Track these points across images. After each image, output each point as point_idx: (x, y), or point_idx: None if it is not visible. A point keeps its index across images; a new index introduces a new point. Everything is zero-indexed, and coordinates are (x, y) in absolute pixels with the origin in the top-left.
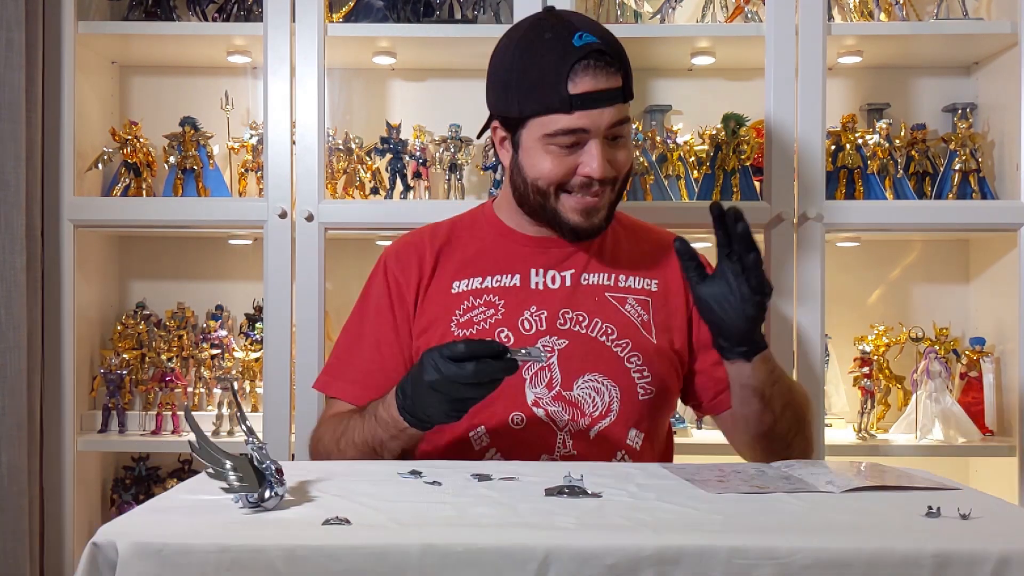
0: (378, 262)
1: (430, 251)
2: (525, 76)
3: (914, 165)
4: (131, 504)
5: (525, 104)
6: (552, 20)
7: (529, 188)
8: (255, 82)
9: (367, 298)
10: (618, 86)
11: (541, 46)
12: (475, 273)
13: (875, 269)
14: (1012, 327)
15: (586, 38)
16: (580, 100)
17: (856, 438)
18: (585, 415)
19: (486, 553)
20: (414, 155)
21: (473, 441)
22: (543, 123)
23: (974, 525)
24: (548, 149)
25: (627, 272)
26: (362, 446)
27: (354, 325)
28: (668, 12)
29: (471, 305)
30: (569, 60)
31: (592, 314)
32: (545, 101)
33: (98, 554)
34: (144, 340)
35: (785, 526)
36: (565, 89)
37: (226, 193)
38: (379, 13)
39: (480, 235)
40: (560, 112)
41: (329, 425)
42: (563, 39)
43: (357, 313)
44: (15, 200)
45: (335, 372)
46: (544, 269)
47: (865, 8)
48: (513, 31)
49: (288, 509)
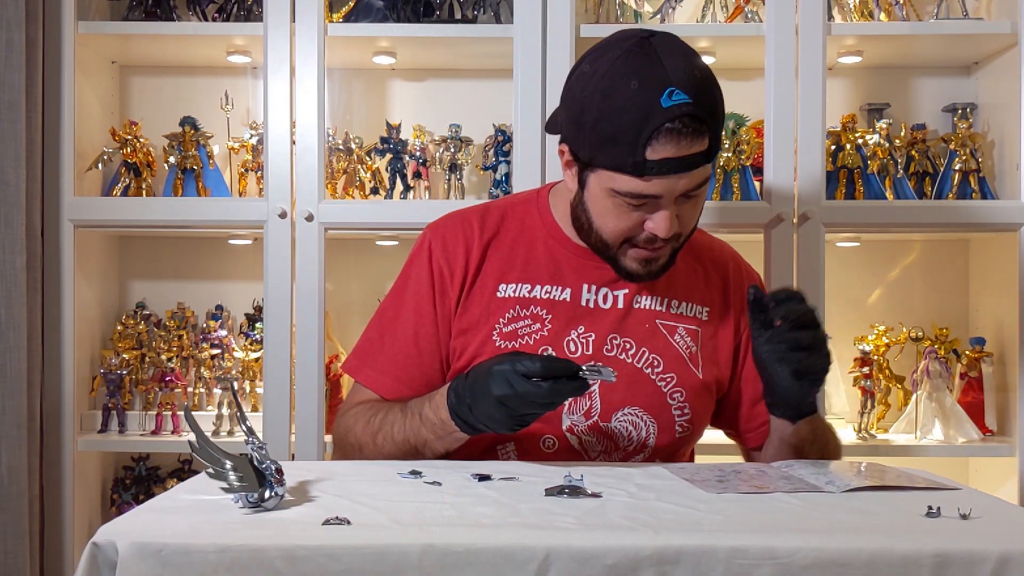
0: (421, 243)
1: (479, 243)
2: (600, 126)
3: (914, 165)
4: (131, 504)
5: (596, 153)
6: (643, 59)
7: (592, 232)
8: (255, 82)
9: (406, 281)
10: (702, 151)
11: (625, 96)
12: (524, 278)
13: (875, 269)
14: (1012, 327)
15: (676, 97)
16: (656, 166)
17: (856, 438)
18: (619, 448)
19: (486, 553)
20: (414, 155)
21: (500, 454)
22: (612, 178)
23: (974, 525)
24: (615, 202)
25: (680, 298)
26: (403, 444)
27: (391, 309)
28: (668, 12)
29: (516, 315)
30: (653, 123)
31: (640, 343)
32: (619, 160)
33: (98, 554)
34: (144, 340)
35: (785, 526)
36: (642, 154)
37: (226, 193)
38: (379, 13)
39: (532, 234)
40: (632, 175)
41: (360, 415)
42: (651, 94)
43: (395, 297)
44: (15, 200)
45: (366, 358)
46: (596, 286)
47: (865, 8)
48: (599, 57)
49: (288, 509)
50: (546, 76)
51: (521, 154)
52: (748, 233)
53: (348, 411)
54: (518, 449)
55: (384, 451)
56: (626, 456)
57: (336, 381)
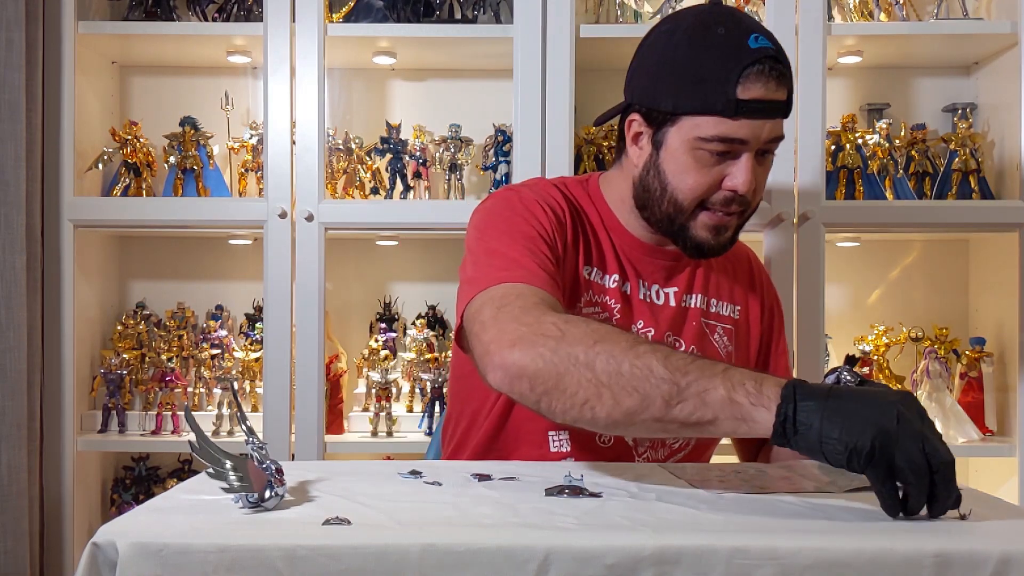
0: (518, 194)
1: (567, 211)
2: (690, 68)
3: (914, 165)
4: (131, 504)
5: (682, 99)
6: (724, 15)
7: (666, 196)
8: (255, 82)
9: (512, 216)
10: (784, 99)
11: (714, 39)
12: (600, 265)
13: (875, 269)
14: (1012, 327)
15: (761, 41)
16: (747, 107)
17: None
18: (665, 445)
19: (486, 553)
20: (414, 155)
21: (552, 441)
22: (699, 124)
23: (974, 525)
24: (696, 155)
25: (718, 296)
26: (662, 384)
27: (504, 233)
28: (668, 12)
29: (591, 299)
30: (743, 61)
31: (690, 342)
32: (709, 100)
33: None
34: (144, 340)
35: (786, 526)
36: (734, 92)
37: (226, 193)
38: (379, 13)
39: (596, 222)
40: (723, 116)
41: (579, 317)
42: (738, 38)
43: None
44: (15, 200)
45: (504, 264)
46: (649, 282)
47: (865, 8)
48: (677, 19)
49: (288, 509)
50: (546, 76)
51: (521, 154)
52: (748, 233)
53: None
54: (572, 440)
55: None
56: (671, 453)
57: (336, 381)
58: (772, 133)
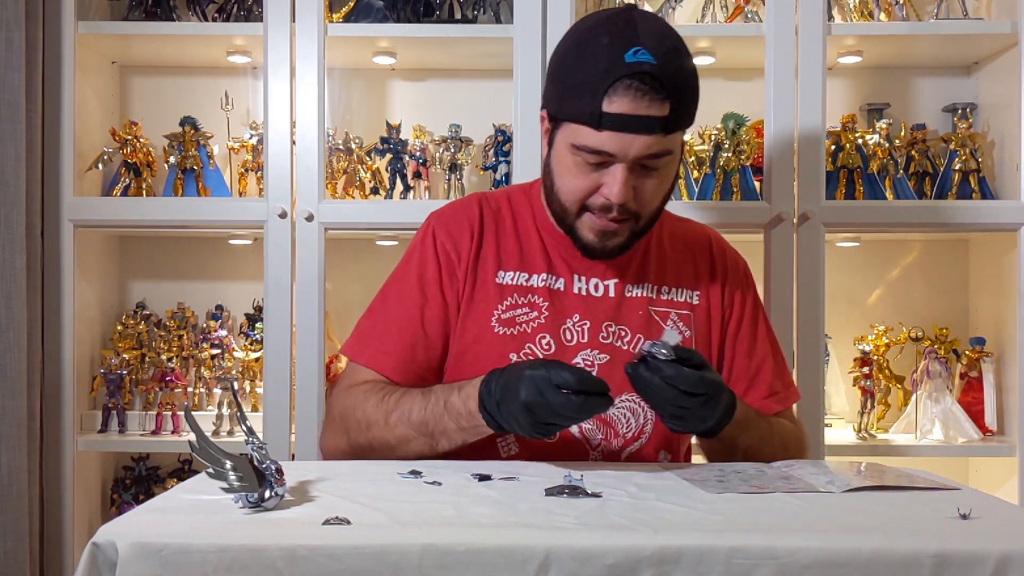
0: (425, 230)
1: (479, 228)
2: (569, 75)
3: (914, 165)
4: (131, 504)
5: (563, 104)
6: (620, 23)
7: (554, 195)
8: (255, 82)
9: (409, 266)
10: (661, 115)
11: (595, 49)
12: (522, 267)
13: (875, 269)
14: (1012, 327)
15: (640, 56)
16: (612, 120)
17: (856, 438)
18: (618, 436)
19: (486, 553)
20: (414, 155)
21: (501, 447)
22: (574, 132)
23: (974, 525)
24: (575, 159)
25: (671, 284)
26: (420, 427)
27: (394, 293)
28: (668, 12)
29: (515, 303)
30: (614, 74)
31: (635, 330)
32: (580, 109)
33: (98, 554)
34: (144, 340)
35: (785, 526)
36: (599, 105)
37: (226, 193)
38: (379, 13)
39: (526, 223)
40: (589, 126)
41: (371, 393)
42: (617, 49)
43: (398, 281)
44: (15, 200)
45: (369, 340)
46: (587, 276)
47: (865, 8)
48: (582, 21)
49: (288, 509)
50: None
51: (521, 154)
52: (748, 233)
53: (352, 388)
54: (519, 443)
55: (396, 432)
56: (626, 443)
57: (336, 381)
58: (648, 149)
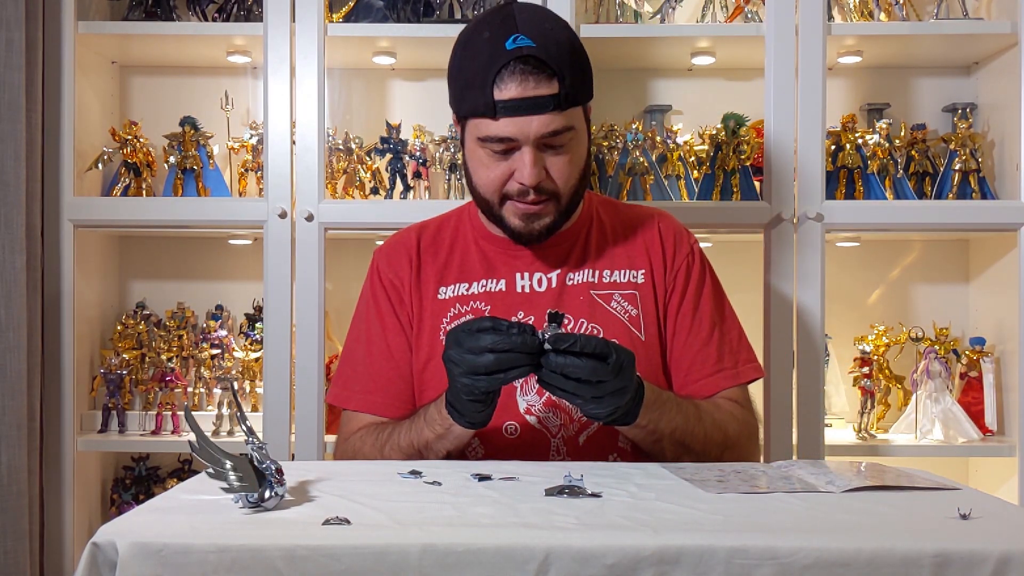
0: (371, 267)
1: (416, 253)
2: (460, 74)
3: (914, 165)
4: (131, 504)
5: (461, 103)
6: (499, 18)
7: (474, 190)
8: (255, 82)
9: (365, 306)
10: (551, 93)
11: (478, 45)
12: (461, 279)
13: (875, 269)
14: (1012, 327)
15: (520, 41)
16: (505, 107)
17: (856, 438)
18: (574, 420)
19: (486, 553)
20: (414, 155)
21: (468, 453)
22: (476, 126)
23: (974, 525)
24: (484, 153)
25: (612, 267)
26: (407, 449)
27: (358, 335)
28: (668, 12)
29: (458, 312)
30: (496, 64)
31: (577, 315)
32: (475, 104)
33: (98, 554)
34: (144, 340)
35: (785, 526)
36: (491, 94)
37: (226, 193)
38: (379, 13)
39: (464, 239)
40: (486, 117)
41: (367, 436)
42: (497, 40)
43: (359, 323)
44: (15, 200)
45: (350, 385)
46: (530, 272)
47: (865, 8)
48: (468, 23)
49: (288, 509)
50: None
51: None
52: (748, 233)
53: (350, 438)
54: (484, 445)
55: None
56: (582, 427)
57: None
58: (547, 127)
